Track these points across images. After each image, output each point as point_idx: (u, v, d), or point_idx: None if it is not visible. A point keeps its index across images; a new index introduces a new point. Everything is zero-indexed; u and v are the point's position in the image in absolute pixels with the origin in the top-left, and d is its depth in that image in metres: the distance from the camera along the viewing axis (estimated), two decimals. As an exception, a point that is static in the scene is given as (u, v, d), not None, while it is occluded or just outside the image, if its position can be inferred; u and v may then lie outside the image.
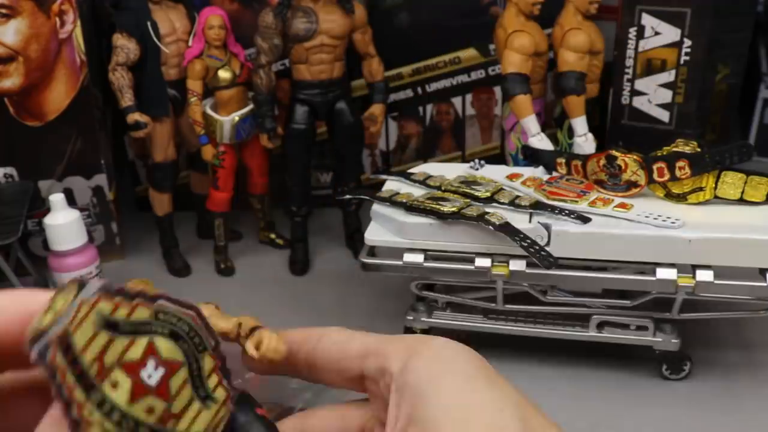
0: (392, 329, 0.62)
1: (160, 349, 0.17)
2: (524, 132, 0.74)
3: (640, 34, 0.77)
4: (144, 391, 0.17)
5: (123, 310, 0.17)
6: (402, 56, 0.88)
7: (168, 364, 0.18)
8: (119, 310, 0.17)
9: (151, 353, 0.17)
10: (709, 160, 0.56)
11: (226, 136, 0.76)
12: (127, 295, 0.17)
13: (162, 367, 0.17)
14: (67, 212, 0.66)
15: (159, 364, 0.17)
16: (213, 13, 0.74)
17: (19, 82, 0.72)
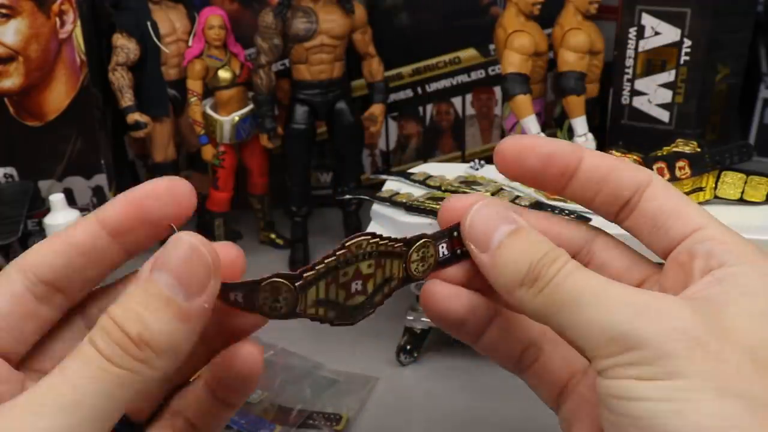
0: (392, 329, 0.63)
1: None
2: (524, 132, 0.74)
3: (640, 34, 0.77)
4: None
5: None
6: (402, 56, 0.88)
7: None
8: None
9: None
10: (709, 160, 0.56)
11: (226, 136, 0.76)
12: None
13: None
14: (67, 212, 0.66)
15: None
16: (213, 13, 0.74)
17: (19, 82, 0.72)
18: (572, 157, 0.26)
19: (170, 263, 0.22)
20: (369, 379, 0.59)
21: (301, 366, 0.61)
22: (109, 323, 0.21)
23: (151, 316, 0.21)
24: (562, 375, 0.28)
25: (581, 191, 0.26)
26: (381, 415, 0.56)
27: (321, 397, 0.57)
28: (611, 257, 0.27)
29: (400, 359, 0.61)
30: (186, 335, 0.22)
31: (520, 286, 0.24)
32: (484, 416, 0.55)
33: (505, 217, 0.25)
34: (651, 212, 0.25)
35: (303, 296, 0.24)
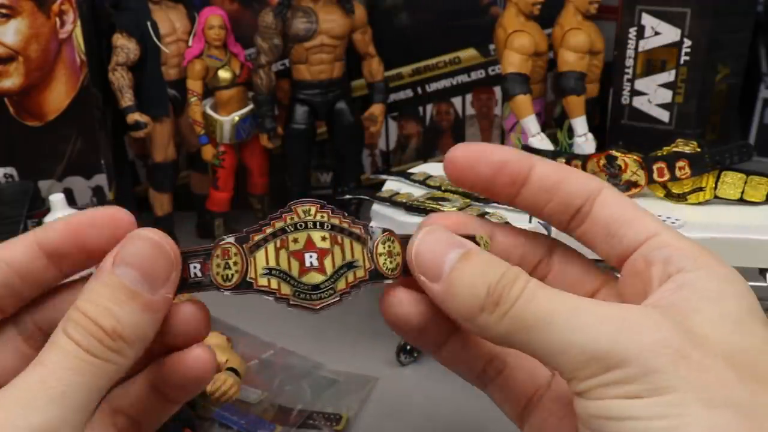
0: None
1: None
2: (524, 132, 0.74)
3: (640, 34, 0.77)
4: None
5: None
6: (402, 56, 0.88)
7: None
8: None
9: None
10: (709, 160, 0.56)
11: (226, 136, 0.76)
12: None
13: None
14: (67, 212, 0.66)
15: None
16: (213, 13, 0.74)
17: (19, 82, 0.72)
18: (523, 165, 0.25)
19: (134, 259, 0.23)
20: (369, 379, 0.59)
21: (301, 366, 0.61)
22: (82, 318, 0.22)
23: (120, 310, 0.22)
24: (526, 388, 0.27)
25: (532, 200, 0.26)
26: (381, 415, 0.56)
27: (321, 397, 0.57)
28: (567, 267, 0.27)
29: (400, 359, 0.61)
30: (151, 324, 0.23)
31: (481, 311, 0.23)
32: (484, 416, 0.55)
33: (451, 242, 0.24)
34: (603, 220, 0.25)
35: (252, 261, 0.24)
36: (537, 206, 0.26)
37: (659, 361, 0.20)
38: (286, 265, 0.24)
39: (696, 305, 0.22)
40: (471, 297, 0.23)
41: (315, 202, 0.25)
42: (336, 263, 0.25)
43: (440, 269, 0.24)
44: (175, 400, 0.27)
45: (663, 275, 0.23)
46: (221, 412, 0.54)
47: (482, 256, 0.24)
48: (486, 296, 0.23)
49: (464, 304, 0.23)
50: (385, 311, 0.26)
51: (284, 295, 0.24)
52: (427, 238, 0.25)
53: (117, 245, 0.23)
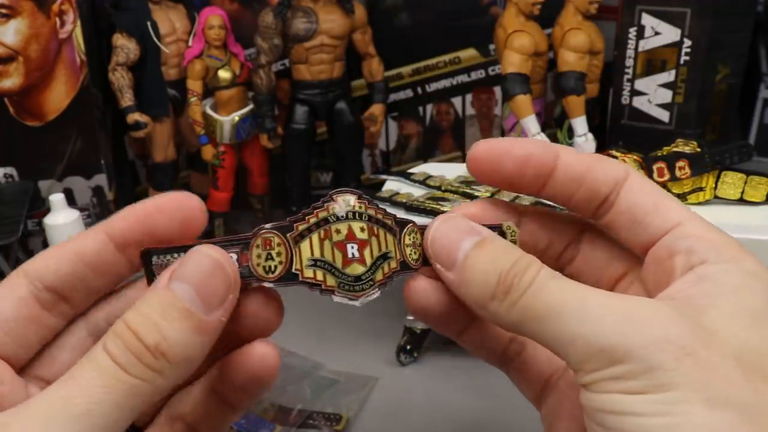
0: (392, 329, 0.63)
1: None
2: (524, 132, 0.74)
3: (640, 34, 0.77)
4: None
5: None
6: (402, 56, 0.88)
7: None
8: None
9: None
10: (709, 160, 0.56)
11: (226, 136, 0.76)
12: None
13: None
14: (67, 212, 0.66)
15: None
16: (213, 13, 0.74)
17: (19, 82, 0.72)
18: (548, 158, 0.25)
19: (192, 276, 0.22)
20: (369, 379, 0.59)
21: (301, 366, 0.61)
22: (125, 331, 0.21)
23: (169, 327, 0.21)
24: (544, 369, 0.28)
25: (559, 191, 0.26)
26: (381, 415, 0.56)
27: (321, 397, 0.57)
28: (595, 249, 0.27)
29: (400, 359, 0.61)
30: (201, 347, 0.22)
31: (492, 299, 0.23)
32: (484, 416, 0.55)
33: (467, 229, 0.24)
34: (628, 208, 0.25)
35: (297, 251, 0.24)
36: (564, 197, 0.26)
37: (662, 358, 0.20)
38: (331, 256, 0.24)
39: (714, 299, 0.21)
40: (483, 284, 0.23)
41: (353, 192, 0.25)
42: (374, 254, 0.25)
43: (455, 257, 0.24)
44: (237, 404, 0.26)
45: (685, 266, 0.23)
46: (221, 412, 0.54)
47: (496, 243, 0.24)
48: (497, 284, 0.23)
49: (477, 292, 0.23)
50: (408, 301, 0.26)
51: (330, 287, 0.24)
52: (442, 226, 0.25)
53: (176, 262, 0.22)
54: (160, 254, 0.23)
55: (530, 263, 0.23)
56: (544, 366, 0.28)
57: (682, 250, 0.23)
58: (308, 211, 0.24)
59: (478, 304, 0.23)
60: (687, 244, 0.23)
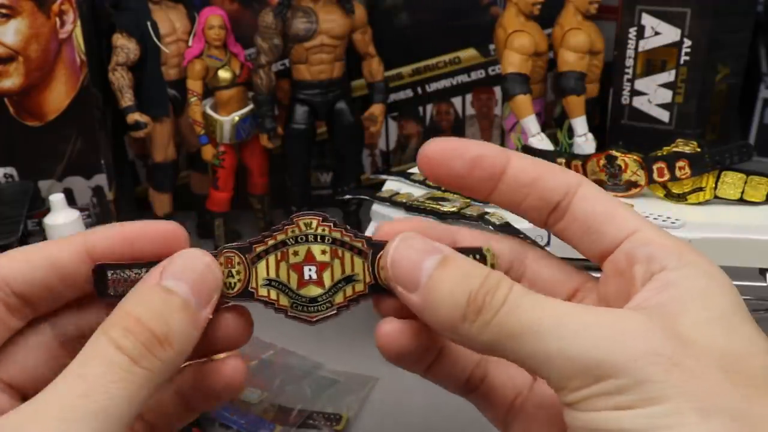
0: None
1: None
2: (524, 132, 0.74)
3: (640, 34, 0.77)
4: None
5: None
6: (402, 56, 0.88)
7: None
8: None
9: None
10: (709, 160, 0.56)
11: (226, 136, 0.76)
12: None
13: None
14: (67, 212, 0.66)
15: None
16: (213, 13, 0.74)
17: (19, 82, 0.72)
18: (498, 161, 0.24)
19: (185, 275, 0.23)
20: (369, 379, 0.59)
21: (301, 366, 0.61)
22: (135, 324, 0.21)
23: (172, 318, 0.22)
24: (507, 393, 0.27)
25: (508, 196, 0.25)
26: (381, 415, 0.56)
27: (321, 397, 0.57)
28: (541, 268, 0.26)
29: (400, 359, 0.61)
30: (194, 341, 0.23)
31: (463, 320, 0.22)
32: (485, 417, 0.55)
33: (428, 248, 0.23)
34: (582, 216, 0.24)
35: (254, 271, 0.25)
36: (513, 202, 0.25)
37: (651, 371, 0.19)
38: (286, 277, 0.25)
39: (683, 306, 0.21)
40: (451, 306, 0.22)
41: (317, 215, 0.25)
42: (335, 277, 0.25)
43: (417, 278, 0.23)
44: (197, 408, 0.27)
45: (646, 274, 0.22)
46: (222, 412, 0.55)
47: (461, 261, 0.23)
48: (467, 304, 0.22)
49: (445, 314, 0.22)
50: (381, 350, 0.26)
51: (282, 306, 0.25)
52: (401, 245, 0.24)
53: (164, 260, 0.23)
54: (116, 269, 0.24)
55: (500, 280, 0.22)
56: (507, 389, 0.27)
57: (642, 257, 0.23)
58: (267, 234, 0.25)
59: (447, 327, 0.22)
60: (646, 251, 0.23)
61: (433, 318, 0.23)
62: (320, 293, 0.25)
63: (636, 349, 0.20)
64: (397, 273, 0.24)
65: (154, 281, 0.23)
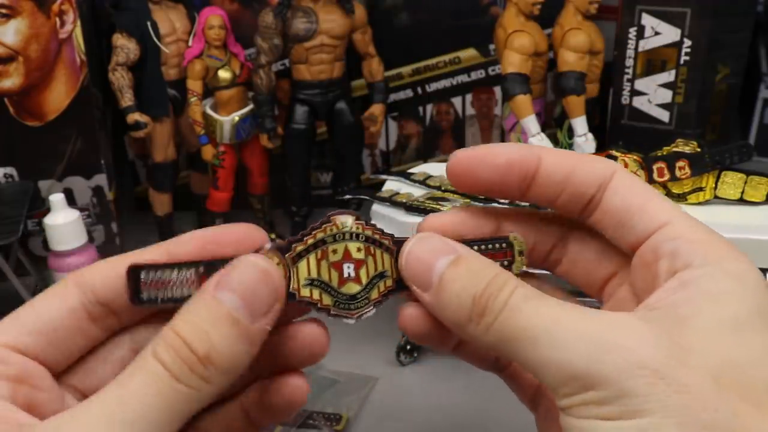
0: (392, 329, 0.62)
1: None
2: (524, 132, 0.74)
3: (640, 34, 0.77)
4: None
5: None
6: (402, 56, 0.88)
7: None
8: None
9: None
10: (709, 160, 0.56)
11: (226, 136, 0.76)
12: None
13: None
14: (67, 212, 0.66)
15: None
16: (213, 13, 0.74)
17: (19, 82, 0.72)
18: (530, 161, 0.25)
19: (238, 285, 0.22)
20: (369, 379, 0.59)
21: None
22: (176, 340, 0.21)
23: (218, 336, 0.21)
24: (532, 378, 0.27)
25: (543, 194, 0.25)
26: (381, 415, 0.56)
27: (321, 397, 0.57)
28: (582, 250, 0.26)
29: (400, 359, 0.61)
30: (246, 355, 0.22)
31: (469, 322, 0.22)
32: (484, 416, 0.55)
33: (441, 248, 0.24)
34: (614, 207, 0.24)
35: (295, 271, 0.24)
36: (548, 199, 0.25)
37: (634, 384, 0.20)
38: (327, 276, 0.25)
39: (694, 309, 0.21)
40: (458, 307, 0.23)
41: (351, 213, 0.25)
42: (370, 273, 0.25)
43: (429, 279, 0.24)
44: (260, 424, 0.26)
45: (669, 270, 0.22)
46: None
47: (471, 262, 0.23)
48: (472, 307, 0.22)
49: (453, 315, 0.23)
50: (404, 330, 0.26)
51: (325, 305, 0.25)
52: (416, 246, 0.24)
53: (223, 270, 0.22)
54: (150, 270, 0.24)
55: (504, 283, 0.22)
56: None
57: (667, 253, 0.23)
58: (306, 233, 0.25)
59: (455, 327, 0.23)
60: (672, 246, 0.23)
61: (443, 317, 0.24)
62: (359, 290, 0.25)
63: (622, 361, 0.20)
64: (411, 273, 0.24)
65: (209, 292, 0.22)
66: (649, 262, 0.23)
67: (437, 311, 0.24)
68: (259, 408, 0.26)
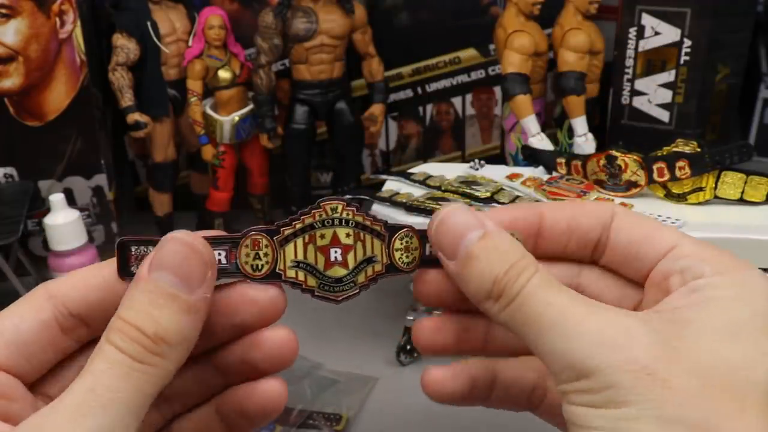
0: (392, 329, 0.63)
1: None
2: (524, 132, 0.74)
3: (640, 34, 0.77)
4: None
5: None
6: (402, 56, 0.88)
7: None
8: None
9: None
10: (709, 160, 0.56)
11: (226, 136, 0.76)
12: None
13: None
14: (67, 212, 0.66)
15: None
16: (213, 13, 0.74)
17: (19, 82, 0.72)
18: (533, 219, 0.26)
19: (169, 263, 0.23)
20: (369, 379, 0.59)
21: (301, 366, 0.61)
22: (125, 326, 0.22)
23: (161, 314, 0.22)
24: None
25: (549, 248, 0.27)
26: (381, 415, 0.56)
27: (321, 397, 0.57)
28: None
29: (400, 359, 0.61)
30: (192, 325, 0.23)
31: (487, 299, 0.24)
32: (484, 416, 0.55)
33: (472, 221, 0.25)
34: (621, 245, 0.26)
35: (282, 253, 0.25)
36: (556, 252, 0.27)
37: (621, 377, 0.21)
38: (313, 259, 0.26)
39: (696, 313, 0.22)
40: (480, 285, 0.24)
41: (341, 200, 0.26)
42: (357, 258, 0.26)
43: (456, 248, 0.25)
44: (240, 431, 0.27)
45: (680, 284, 0.23)
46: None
47: (498, 240, 0.24)
48: (492, 287, 0.24)
49: (473, 290, 0.24)
50: (431, 395, 0.28)
51: (310, 286, 0.26)
52: (449, 215, 0.25)
53: (152, 252, 0.24)
54: (139, 245, 0.25)
55: (525, 268, 0.23)
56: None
57: (677, 270, 0.24)
58: (296, 218, 0.26)
59: (475, 300, 0.25)
60: (682, 264, 0.24)
61: (464, 289, 0.25)
62: (345, 274, 0.26)
63: (614, 356, 0.21)
64: (439, 240, 0.25)
65: (143, 276, 0.23)
66: (659, 282, 0.24)
67: (459, 281, 0.25)
68: (236, 414, 0.26)
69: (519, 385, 0.29)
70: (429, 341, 0.28)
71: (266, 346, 0.25)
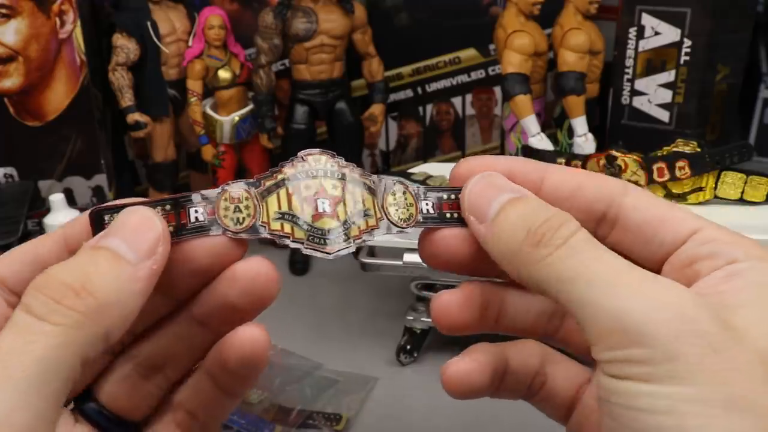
0: (392, 329, 0.63)
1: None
2: (524, 132, 0.74)
3: (640, 34, 0.77)
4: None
5: None
6: (402, 56, 0.88)
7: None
8: None
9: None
10: (709, 160, 0.56)
11: (226, 136, 0.76)
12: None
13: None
14: (67, 212, 0.66)
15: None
16: (213, 13, 0.74)
17: (19, 82, 0.72)
18: (533, 177, 0.25)
19: (120, 230, 0.22)
20: (369, 379, 0.59)
21: (301, 366, 0.61)
22: (45, 280, 0.20)
23: (96, 270, 0.21)
24: (568, 393, 0.27)
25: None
26: (381, 415, 0.56)
27: (321, 397, 0.57)
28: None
29: (400, 359, 0.61)
30: (132, 295, 0.21)
31: (518, 252, 0.22)
32: (484, 416, 0.55)
33: (506, 186, 0.24)
34: (635, 226, 0.24)
35: (264, 206, 0.24)
36: None
37: (687, 350, 0.18)
38: (299, 209, 0.24)
39: (745, 297, 0.21)
40: (511, 237, 0.22)
41: (325, 151, 0.24)
42: (348, 211, 0.24)
43: (487, 210, 0.24)
44: (232, 390, 0.26)
45: (711, 268, 0.22)
46: (221, 412, 0.54)
47: (532, 202, 0.23)
48: (525, 237, 0.22)
49: (503, 245, 0.23)
50: (451, 391, 0.26)
51: (298, 239, 0.24)
52: (481, 181, 0.25)
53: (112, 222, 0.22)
54: (112, 213, 0.23)
55: (565, 221, 0.22)
56: (567, 389, 0.27)
57: (705, 255, 0.22)
58: (275, 169, 0.24)
59: (504, 259, 0.23)
60: (709, 249, 0.22)
61: (495, 248, 0.23)
62: (335, 225, 0.24)
63: (680, 323, 0.19)
64: (471, 203, 0.24)
65: (93, 243, 0.22)
66: (683, 266, 0.23)
67: (488, 241, 0.23)
68: (220, 370, 0.25)
69: (524, 371, 0.27)
70: (454, 317, 0.25)
71: (240, 280, 0.24)
